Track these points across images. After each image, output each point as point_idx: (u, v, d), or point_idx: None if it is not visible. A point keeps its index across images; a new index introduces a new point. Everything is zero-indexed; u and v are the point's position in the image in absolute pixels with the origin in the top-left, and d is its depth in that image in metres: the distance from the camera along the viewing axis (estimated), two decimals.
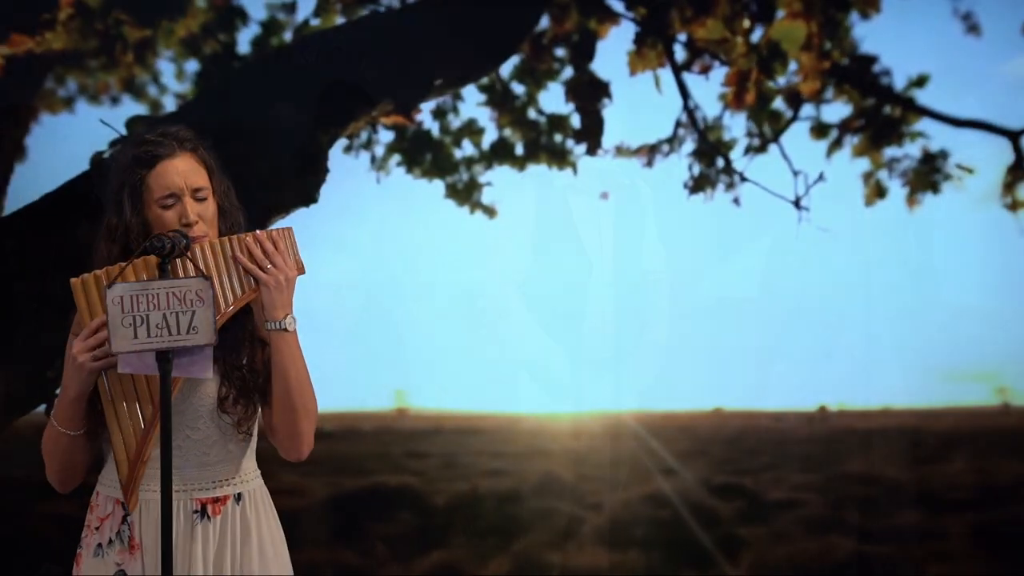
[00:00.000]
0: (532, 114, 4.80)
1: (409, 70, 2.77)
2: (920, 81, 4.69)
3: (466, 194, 5.16)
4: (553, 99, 4.73)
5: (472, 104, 7.13)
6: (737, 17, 3.38)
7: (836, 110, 5.38)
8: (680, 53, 4.09)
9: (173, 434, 1.50)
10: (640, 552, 6.41)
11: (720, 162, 4.75)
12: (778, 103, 5.00)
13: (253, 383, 1.60)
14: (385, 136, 5.15)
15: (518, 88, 4.78)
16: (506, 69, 5.07)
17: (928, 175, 4.66)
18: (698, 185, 4.90)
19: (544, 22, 4.05)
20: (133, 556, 1.54)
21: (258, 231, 1.57)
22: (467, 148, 5.14)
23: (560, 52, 4.10)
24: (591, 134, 4.29)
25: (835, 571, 5.85)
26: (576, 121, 4.60)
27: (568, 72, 4.40)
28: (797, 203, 4.50)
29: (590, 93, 4.09)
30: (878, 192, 4.88)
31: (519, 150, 4.93)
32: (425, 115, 5.37)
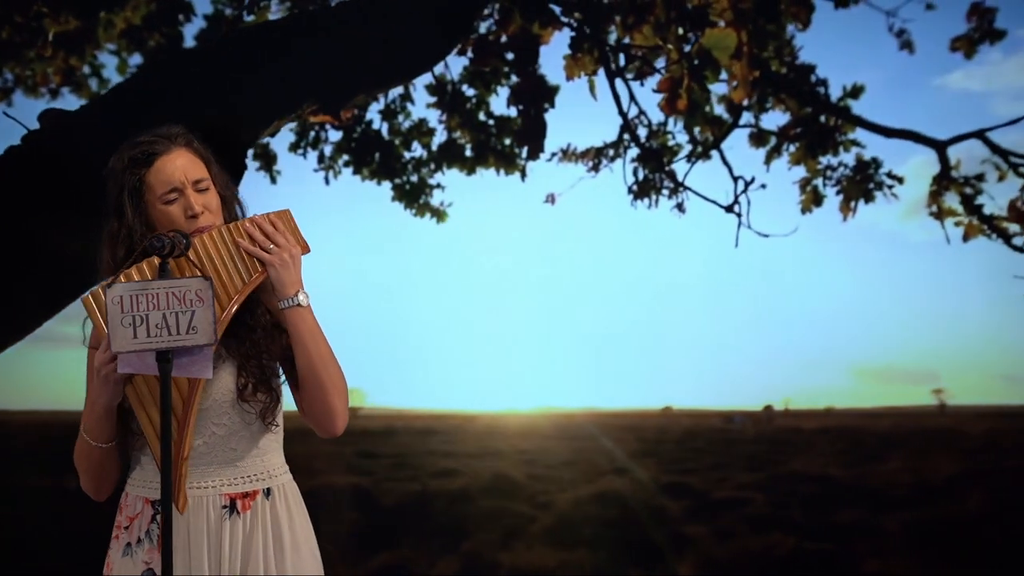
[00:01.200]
0: (482, 117, 4.78)
1: (333, 70, 2.71)
2: (855, 92, 4.81)
3: (414, 196, 5.12)
4: (504, 102, 4.75)
5: (422, 105, 7.08)
6: (670, 25, 3.40)
7: (777, 119, 5.50)
8: (620, 60, 4.13)
9: (199, 431, 1.52)
10: (588, 551, 6.45)
11: (666, 167, 4.81)
12: (720, 110, 5.10)
13: (272, 370, 1.58)
14: (335, 135, 5.13)
15: (469, 91, 4.78)
16: (456, 70, 5.06)
17: (862, 183, 4.78)
18: (642, 191, 4.93)
19: (488, 25, 4.06)
20: (186, 548, 1.52)
21: (255, 215, 1.57)
22: (416, 150, 5.13)
23: (509, 55, 4.08)
24: (533, 138, 4.29)
25: (778, 568, 5.96)
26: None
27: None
28: (730, 208, 4.56)
29: (533, 97, 4.08)
30: (815, 199, 4.98)
31: (468, 152, 4.92)
32: (373, 115, 5.36)
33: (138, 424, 1.48)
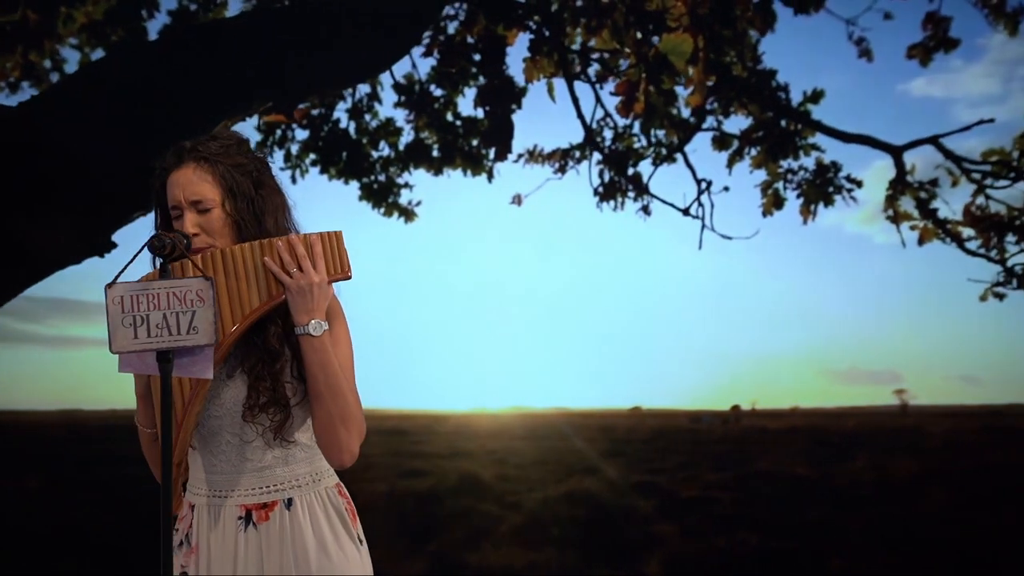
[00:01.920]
0: (450, 117, 4.77)
1: (284, 69, 2.69)
2: (815, 97, 4.89)
3: (382, 195, 5.08)
4: (472, 104, 4.73)
5: (390, 104, 7.05)
6: (629, 29, 3.43)
7: (740, 123, 5.58)
8: (584, 63, 4.15)
9: (215, 439, 1.54)
10: (556, 550, 6.46)
11: (630, 170, 4.85)
12: (687, 114, 5.15)
13: (292, 388, 1.55)
14: (302, 134, 5.08)
15: (437, 91, 4.76)
16: (424, 70, 5.04)
17: (822, 187, 4.86)
18: (608, 193, 4.96)
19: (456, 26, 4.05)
20: (192, 558, 1.55)
21: (293, 235, 1.54)
22: (383, 149, 5.08)
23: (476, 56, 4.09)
24: (500, 139, 4.28)
25: (744, 566, 6.02)
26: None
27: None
28: (687, 211, 4.61)
29: (500, 98, 4.08)
30: (776, 202, 5.05)
31: (436, 153, 4.89)
32: (340, 113, 5.32)
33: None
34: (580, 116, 4.26)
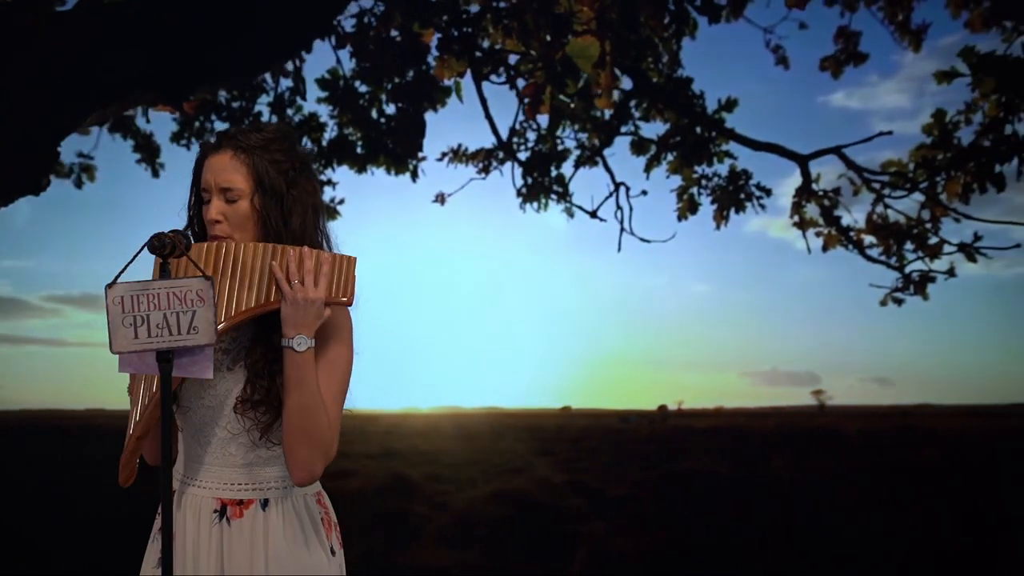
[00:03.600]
0: (375, 115, 4.71)
1: (168, 58, 2.59)
2: (729, 105, 5.04)
3: None
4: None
5: (313, 99, 6.93)
6: (538, 32, 3.46)
7: (660, 129, 5.69)
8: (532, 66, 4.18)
9: (203, 427, 1.54)
10: (483, 549, 6.47)
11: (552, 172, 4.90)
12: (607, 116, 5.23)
13: (277, 392, 1.54)
14: (221, 126, 4.93)
15: (362, 87, 4.70)
16: (349, 65, 4.98)
17: (734, 193, 5.01)
18: (530, 194, 5.00)
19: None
20: (177, 547, 1.53)
21: (307, 248, 1.52)
22: (306, 144, 4.99)
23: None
24: (411, 136, 4.26)
25: (669, 563, 6.14)
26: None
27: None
28: (594, 214, 4.70)
29: (414, 96, 4.06)
30: (691, 207, 5.19)
31: (359, 150, 4.83)
32: (262, 107, 5.22)
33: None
34: (488, 117, 4.28)
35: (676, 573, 5.85)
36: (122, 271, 1.39)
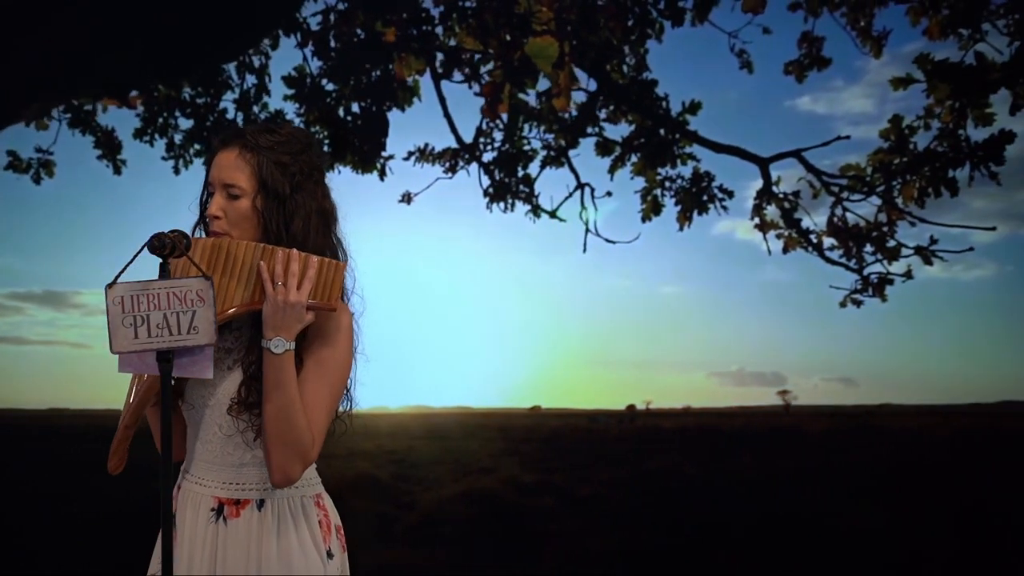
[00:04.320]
0: (342, 113, 4.68)
1: (111, 51, 2.52)
2: (693, 108, 5.09)
3: None
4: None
5: (279, 96, 6.85)
6: (498, 31, 3.46)
7: (625, 130, 5.72)
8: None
9: (204, 427, 1.56)
10: (450, 549, 6.47)
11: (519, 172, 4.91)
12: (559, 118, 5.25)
13: None
14: (186, 123, 4.87)
15: (329, 85, 4.67)
16: (316, 64, 4.93)
17: (697, 195, 5.07)
18: (497, 194, 5.00)
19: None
20: (176, 542, 1.54)
21: (295, 251, 1.50)
22: None
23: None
24: (374, 134, 4.24)
25: (637, 562, 6.19)
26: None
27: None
28: (552, 214, 4.74)
29: (378, 94, 4.04)
30: (654, 208, 5.24)
31: (326, 148, 4.79)
32: (227, 103, 5.15)
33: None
34: (447, 116, 4.27)
35: (645, 572, 5.91)
36: (122, 271, 1.38)
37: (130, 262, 1.40)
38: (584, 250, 4.99)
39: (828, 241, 5.00)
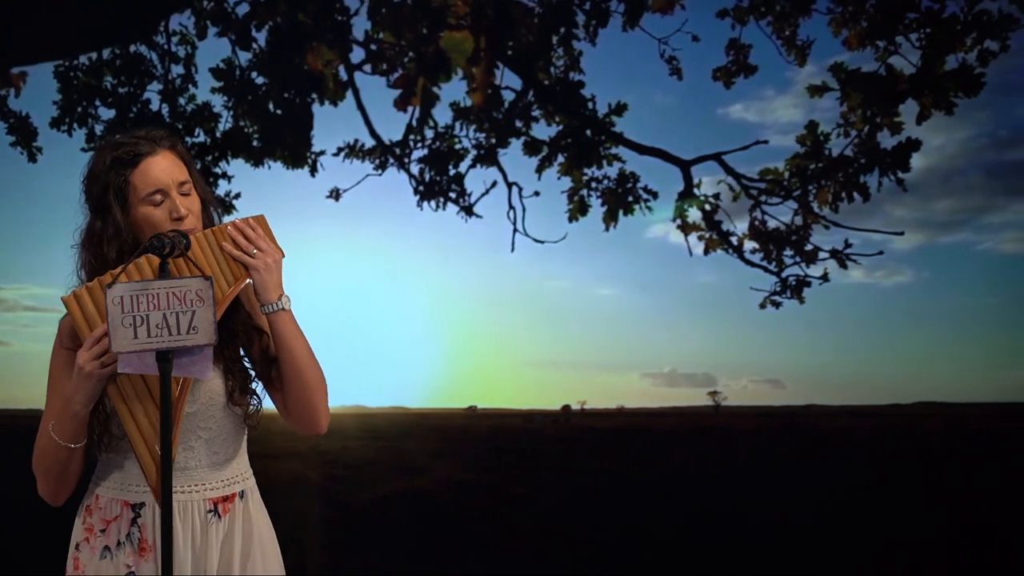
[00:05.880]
0: (272, 107, 4.59)
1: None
2: (619, 109, 5.20)
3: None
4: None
5: (206, 88, 6.68)
6: (414, 23, 3.47)
7: (551, 130, 5.77)
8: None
9: (186, 436, 1.55)
10: (383, 551, 6.44)
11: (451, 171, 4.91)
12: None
13: (253, 373, 1.62)
14: (107, 112, 4.68)
15: (260, 79, 4.58)
16: (246, 56, 4.83)
17: (622, 196, 5.18)
18: (429, 192, 4.99)
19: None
20: (144, 558, 1.52)
21: (236, 220, 1.56)
22: (199, 135, 4.81)
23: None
24: (299, 130, 4.20)
25: (570, 561, 6.25)
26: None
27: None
28: (469, 210, 4.77)
29: (302, 87, 4.00)
30: (581, 209, 5.32)
31: (256, 143, 4.70)
32: (151, 94, 5.00)
33: (119, 426, 1.48)
34: (360, 108, 4.26)
35: (580, 571, 5.97)
36: (121, 271, 1.40)
37: (129, 262, 1.43)
38: (512, 249, 5.06)
39: (752, 244, 5.16)
